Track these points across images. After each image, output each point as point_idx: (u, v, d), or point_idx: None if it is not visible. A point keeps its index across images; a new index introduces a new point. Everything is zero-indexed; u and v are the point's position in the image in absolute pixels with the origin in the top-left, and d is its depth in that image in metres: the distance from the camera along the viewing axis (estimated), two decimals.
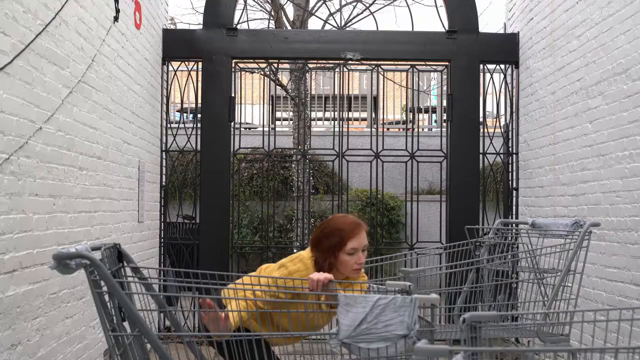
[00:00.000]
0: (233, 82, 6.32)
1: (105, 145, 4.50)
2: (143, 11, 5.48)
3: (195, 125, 6.29)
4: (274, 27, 8.65)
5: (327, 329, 2.38)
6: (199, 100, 6.25)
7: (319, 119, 12.48)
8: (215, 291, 2.64)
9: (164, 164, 6.31)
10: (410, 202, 6.47)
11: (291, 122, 10.34)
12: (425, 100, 12.53)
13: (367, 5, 8.39)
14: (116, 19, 4.70)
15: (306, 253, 2.98)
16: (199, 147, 6.22)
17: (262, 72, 7.33)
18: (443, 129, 6.69)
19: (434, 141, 7.40)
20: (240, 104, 6.67)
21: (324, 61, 7.02)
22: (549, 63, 5.48)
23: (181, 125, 6.36)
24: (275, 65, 7.69)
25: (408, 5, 6.57)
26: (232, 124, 6.24)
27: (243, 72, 6.75)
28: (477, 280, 3.98)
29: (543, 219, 4.27)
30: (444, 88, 8.53)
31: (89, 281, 2.27)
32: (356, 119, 12.67)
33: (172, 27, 9.64)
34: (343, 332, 2.27)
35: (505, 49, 6.28)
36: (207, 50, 6.19)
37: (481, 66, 6.32)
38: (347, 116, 9.59)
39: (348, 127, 6.65)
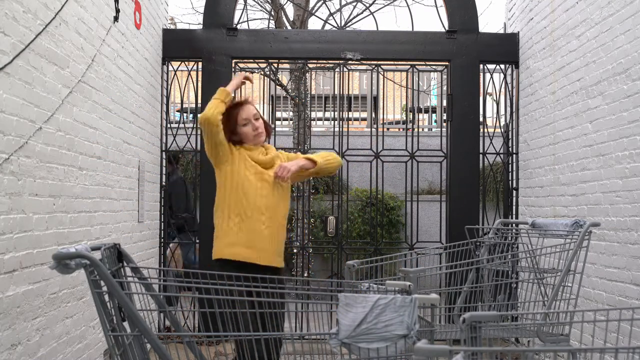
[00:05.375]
0: None
1: (105, 145, 4.50)
2: (143, 11, 5.48)
3: (195, 125, 6.29)
4: (274, 27, 8.66)
5: (327, 329, 2.38)
6: (199, 100, 6.24)
7: (319, 119, 12.47)
8: (216, 291, 2.63)
9: (164, 164, 6.31)
10: (410, 202, 6.46)
11: (291, 122, 10.34)
12: (425, 100, 12.53)
13: (367, 5, 8.39)
14: (116, 19, 4.70)
15: None
16: (198, 147, 6.22)
17: (262, 72, 7.33)
18: (443, 129, 6.69)
19: (434, 141, 7.40)
20: None
21: (324, 61, 7.01)
22: (549, 63, 5.48)
23: (181, 125, 6.36)
24: (275, 65, 7.68)
25: (408, 5, 6.57)
26: None
27: (243, 72, 6.74)
28: (477, 280, 3.98)
29: (543, 219, 4.27)
30: (444, 88, 8.53)
31: (89, 281, 2.27)
32: (356, 119, 12.67)
33: (172, 27, 9.64)
34: (343, 332, 2.27)
35: (505, 49, 6.27)
36: (207, 50, 6.18)
37: (481, 66, 6.32)
38: (347, 116, 9.58)
39: (348, 127, 6.64)
